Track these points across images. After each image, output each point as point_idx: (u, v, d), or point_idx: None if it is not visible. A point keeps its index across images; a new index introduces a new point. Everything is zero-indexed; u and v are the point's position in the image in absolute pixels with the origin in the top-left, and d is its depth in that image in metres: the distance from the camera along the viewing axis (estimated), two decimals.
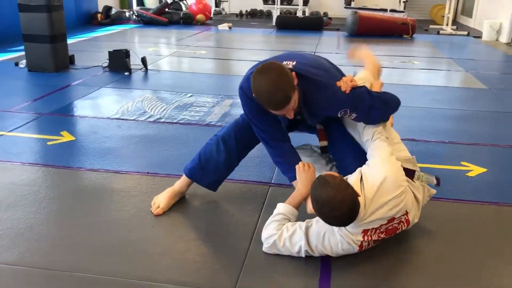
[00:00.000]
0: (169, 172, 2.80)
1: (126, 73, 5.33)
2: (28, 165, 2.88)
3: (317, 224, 1.96)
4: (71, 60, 5.70)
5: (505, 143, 3.44)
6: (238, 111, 4.08)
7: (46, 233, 2.16)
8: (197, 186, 2.46)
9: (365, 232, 1.91)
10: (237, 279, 1.86)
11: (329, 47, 7.66)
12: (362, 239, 1.91)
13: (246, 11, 12.55)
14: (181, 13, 10.27)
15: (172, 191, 2.41)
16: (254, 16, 12.50)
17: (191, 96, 4.53)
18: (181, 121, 3.76)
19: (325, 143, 2.42)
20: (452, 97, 4.81)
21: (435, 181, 2.14)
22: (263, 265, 1.96)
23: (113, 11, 9.99)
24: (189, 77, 5.46)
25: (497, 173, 2.91)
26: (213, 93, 4.68)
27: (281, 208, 2.09)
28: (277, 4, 10.86)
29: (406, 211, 1.98)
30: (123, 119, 3.78)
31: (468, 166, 2.97)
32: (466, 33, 9.67)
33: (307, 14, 10.99)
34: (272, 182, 2.72)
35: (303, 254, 1.96)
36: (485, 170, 2.92)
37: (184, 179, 2.45)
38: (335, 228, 1.91)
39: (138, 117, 3.85)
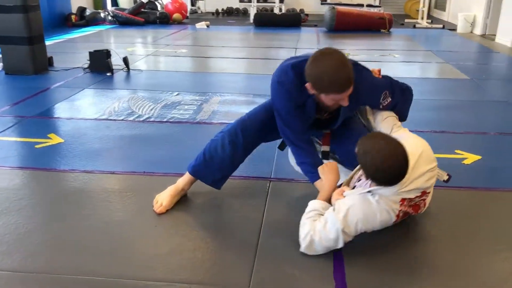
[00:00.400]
0: (166, 171, 2.74)
1: (108, 74, 5.21)
2: (18, 169, 2.78)
3: (349, 200, 1.90)
4: (50, 62, 5.55)
5: (494, 130, 3.50)
6: (228, 108, 4.06)
7: (46, 237, 2.08)
8: (197, 183, 2.41)
9: (402, 201, 1.89)
10: (251, 275, 1.83)
11: (310, 43, 7.68)
12: (399, 208, 1.90)
13: (222, 9, 12.48)
14: (158, 13, 10.14)
15: (174, 189, 2.35)
16: (230, 14, 12.44)
17: (177, 94, 4.46)
18: (171, 120, 3.70)
19: (327, 148, 2.40)
20: (436, 87, 4.87)
21: (445, 177, 2.14)
22: (275, 260, 1.93)
23: (88, 12, 9.78)
24: (173, 76, 5.38)
25: (492, 159, 2.94)
26: (199, 91, 4.63)
27: (313, 204, 2.03)
28: (253, 2, 10.84)
29: (429, 190, 1.99)
30: (111, 120, 3.69)
31: (462, 154, 3.00)
32: (441, 26, 9.85)
33: (283, 11, 10.99)
34: (272, 177, 2.69)
35: (340, 242, 1.88)
36: (479, 157, 2.95)
37: (187, 177, 2.39)
38: (373, 199, 1.86)
39: (127, 117, 3.76)
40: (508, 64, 6.29)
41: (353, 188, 2.04)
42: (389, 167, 1.75)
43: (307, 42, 7.79)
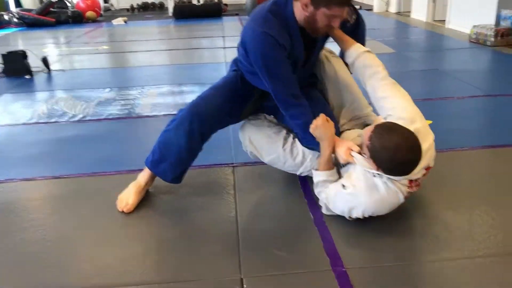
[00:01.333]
0: (118, 169, 2.51)
1: (27, 76, 4.76)
2: None
3: (356, 183, 1.82)
4: None
5: (435, 96, 3.61)
6: (167, 99, 3.87)
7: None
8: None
9: (410, 183, 1.82)
10: (239, 263, 1.69)
11: (236, 31, 7.58)
12: (408, 190, 1.83)
13: (138, 4, 12.01)
14: (69, 12, 9.52)
15: (137, 186, 2.12)
16: (146, 10, 12.00)
17: (110, 91, 4.16)
18: (110, 117, 3.43)
19: None
20: None
21: None
22: (260, 244, 1.81)
23: None
24: (100, 73, 5.03)
25: (442, 123, 3.00)
26: (132, 85, 4.36)
27: (317, 177, 1.97)
28: None
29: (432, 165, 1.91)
30: (42, 123, 3.34)
31: None
32: (358, 7, 10.14)
33: (202, 2, 10.78)
34: (234, 162, 2.56)
35: (347, 215, 1.88)
36: (431, 122, 2.99)
37: (147, 172, 2.17)
38: (380, 182, 1.78)
39: (59, 118, 3.43)
40: (427, 36, 6.60)
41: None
42: (410, 161, 1.70)
43: (233, 30, 7.67)
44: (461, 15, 6.65)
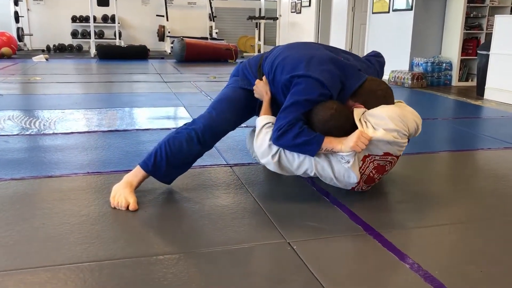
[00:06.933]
0: (115, 169, 2.49)
1: None
2: None
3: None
4: None
5: None
6: (132, 119, 3.84)
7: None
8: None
9: (364, 158, 2.01)
10: (279, 232, 1.79)
11: (168, 69, 7.72)
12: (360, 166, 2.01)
13: (54, 45, 11.65)
14: None
15: (130, 186, 2.11)
16: (63, 51, 11.67)
17: (63, 111, 4.04)
18: (81, 131, 3.35)
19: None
20: None
21: None
22: (289, 218, 1.93)
23: None
24: (44, 98, 4.84)
25: None
26: (86, 107, 4.27)
27: (264, 119, 2.14)
28: (93, 38, 10.43)
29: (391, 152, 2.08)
30: (4, 135, 3.16)
31: None
32: None
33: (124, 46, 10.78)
34: (229, 163, 2.66)
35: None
36: None
37: (140, 173, 2.16)
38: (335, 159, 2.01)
39: (21, 131, 3.28)
40: None
41: None
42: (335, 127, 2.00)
43: (166, 70, 7.78)
44: None
